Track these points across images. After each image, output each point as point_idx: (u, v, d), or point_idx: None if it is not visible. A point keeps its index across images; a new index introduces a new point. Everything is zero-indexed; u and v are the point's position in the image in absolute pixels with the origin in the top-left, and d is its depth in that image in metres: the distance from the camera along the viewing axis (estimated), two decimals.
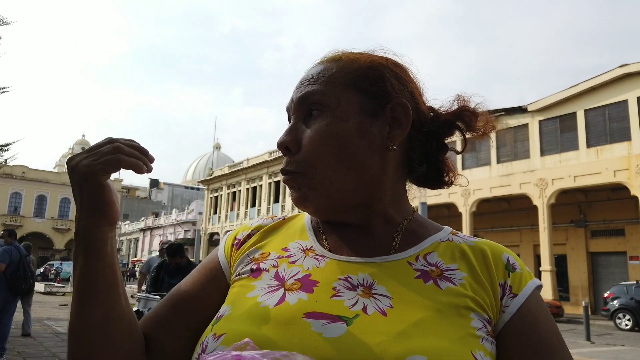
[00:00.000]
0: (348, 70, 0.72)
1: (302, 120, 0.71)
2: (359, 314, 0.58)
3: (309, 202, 0.69)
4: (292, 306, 0.60)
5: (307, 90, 0.71)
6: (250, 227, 0.79)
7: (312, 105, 0.70)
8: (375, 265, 0.66)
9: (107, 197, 0.64)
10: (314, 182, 0.68)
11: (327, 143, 0.68)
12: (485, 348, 0.59)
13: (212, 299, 0.71)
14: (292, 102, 0.73)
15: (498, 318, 0.63)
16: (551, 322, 0.65)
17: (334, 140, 0.68)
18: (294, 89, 0.75)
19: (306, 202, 0.69)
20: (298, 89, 0.73)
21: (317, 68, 0.74)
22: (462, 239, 0.72)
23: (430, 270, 0.66)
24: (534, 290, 0.66)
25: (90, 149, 0.65)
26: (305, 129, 0.70)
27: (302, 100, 0.71)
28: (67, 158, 0.66)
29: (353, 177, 0.68)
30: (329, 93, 0.70)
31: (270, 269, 0.69)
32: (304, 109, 0.71)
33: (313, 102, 0.70)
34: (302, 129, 0.70)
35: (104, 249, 0.65)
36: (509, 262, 0.68)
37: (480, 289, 0.64)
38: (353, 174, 0.68)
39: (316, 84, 0.71)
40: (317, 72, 0.73)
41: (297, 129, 0.71)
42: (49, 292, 20.62)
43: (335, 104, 0.69)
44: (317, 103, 0.70)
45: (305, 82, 0.73)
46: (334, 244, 0.71)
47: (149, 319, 0.74)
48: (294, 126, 0.71)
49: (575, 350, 10.27)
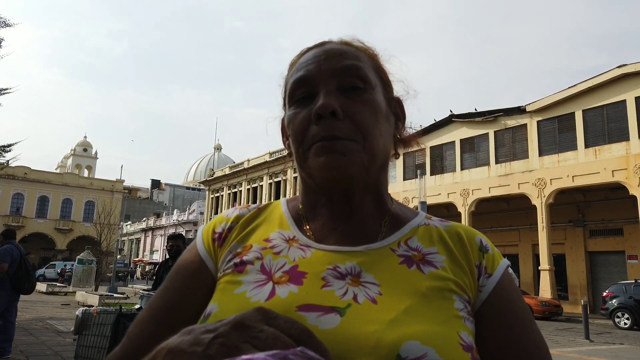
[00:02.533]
0: (369, 55, 0.75)
1: (340, 90, 0.69)
2: (350, 304, 0.59)
3: (349, 169, 0.66)
4: (283, 300, 0.60)
5: (353, 63, 0.70)
6: (229, 219, 0.76)
7: (358, 79, 0.69)
8: (362, 254, 0.67)
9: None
10: (361, 152, 0.66)
11: (375, 118, 0.69)
12: (468, 327, 0.62)
13: (204, 302, 0.67)
14: (328, 70, 0.69)
15: (476, 297, 0.66)
16: (522, 298, 0.69)
17: (379, 116, 0.70)
18: (313, 60, 0.71)
19: (348, 168, 0.66)
20: (332, 59, 0.71)
21: (342, 46, 0.73)
22: (437, 223, 0.75)
23: (413, 255, 0.68)
24: (505, 269, 0.70)
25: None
26: (344, 99, 0.68)
27: (348, 70, 0.69)
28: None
29: (381, 157, 0.70)
30: (368, 72, 0.71)
31: (254, 262, 0.67)
32: (346, 80, 0.69)
33: (359, 76, 0.70)
34: (341, 98, 0.68)
35: None
36: (482, 243, 0.71)
37: (459, 271, 0.67)
38: (382, 155, 0.70)
39: (356, 60, 0.71)
40: (347, 50, 0.72)
41: (337, 96, 0.68)
42: (51, 292, 20.69)
43: (374, 84, 0.71)
44: (364, 77, 0.70)
45: (342, 55, 0.71)
46: (318, 232, 0.71)
47: (139, 338, 0.68)
48: (334, 93, 0.68)
49: (574, 349, 10.29)
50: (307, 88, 0.70)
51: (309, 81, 0.70)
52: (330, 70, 0.69)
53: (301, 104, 0.70)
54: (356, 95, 0.69)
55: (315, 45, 0.76)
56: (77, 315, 5.96)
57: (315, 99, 0.69)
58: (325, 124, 0.66)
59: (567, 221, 22.05)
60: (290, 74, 0.75)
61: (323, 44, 0.75)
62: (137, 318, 0.71)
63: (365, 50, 0.75)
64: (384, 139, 0.70)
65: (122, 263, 35.64)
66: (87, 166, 64.93)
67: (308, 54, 0.74)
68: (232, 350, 0.37)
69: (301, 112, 0.70)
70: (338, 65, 0.69)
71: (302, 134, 0.69)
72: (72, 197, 52.05)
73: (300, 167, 0.72)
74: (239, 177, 38.65)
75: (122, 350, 0.67)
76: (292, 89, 0.72)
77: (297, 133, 0.69)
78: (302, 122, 0.69)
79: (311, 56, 0.72)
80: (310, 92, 0.70)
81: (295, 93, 0.71)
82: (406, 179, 24.65)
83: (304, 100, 0.70)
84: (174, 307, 0.69)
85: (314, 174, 0.68)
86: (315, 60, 0.71)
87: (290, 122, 0.71)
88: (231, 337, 0.38)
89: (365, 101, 0.69)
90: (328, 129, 0.66)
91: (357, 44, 0.76)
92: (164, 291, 0.71)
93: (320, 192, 0.72)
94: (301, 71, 0.71)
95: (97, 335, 5.79)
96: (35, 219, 49.74)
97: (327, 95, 0.67)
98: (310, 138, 0.67)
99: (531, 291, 21.40)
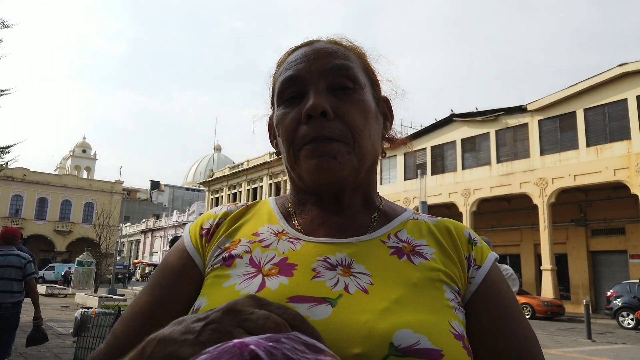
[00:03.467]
0: (358, 54, 0.75)
1: (329, 89, 0.68)
2: (342, 294, 0.59)
3: (340, 173, 0.66)
4: (274, 292, 0.60)
5: (342, 63, 0.70)
6: (216, 215, 0.76)
7: (348, 79, 0.69)
8: (352, 245, 0.67)
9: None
10: (351, 154, 0.67)
11: (365, 119, 0.69)
12: (458, 317, 0.62)
13: (192, 298, 0.67)
14: (317, 70, 0.69)
15: (466, 289, 0.67)
16: (510, 289, 0.71)
17: (369, 117, 0.70)
18: (302, 60, 0.70)
19: (339, 171, 0.66)
20: (322, 58, 0.70)
21: (331, 46, 0.73)
22: (425, 218, 0.76)
23: (403, 247, 0.68)
24: (494, 261, 0.71)
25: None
26: (334, 99, 0.68)
27: (338, 69, 0.69)
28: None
29: (370, 158, 0.71)
30: (358, 72, 0.71)
31: (243, 255, 0.67)
32: (337, 80, 0.69)
33: (349, 76, 0.69)
34: (331, 98, 0.67)
35: None
36: (470, 236, 0.73)
37: (449, 263, 0.67)
38: (371, 155, 0.71)
39: (345, 60, 0.71)
40: (336, 50, 0.72)
41: (327, 96, 0.67)
42: (51, 294, 20.64)
43: (363, 84, 0.71)
44: (353, 78, 0.70)
45: (331, 55, 0.70)
46: (307, 226, 0.71)
47: (124, 335, 0.65)
48: (324, 92, 0.67)
49: (576, 349, 10.27)
50: (297, 87, 0.69)
51: (298, 80, 0.69)
52: (319, 70, 0.69)
53: (290, 104, 0.70)
54: (346, 95, 0.68)
55: (304, 44, 0.75)
56: (76, 317, 5.93)
57: (304, 98, 0.68)
58: (315, 124, 0.66)
59: (569, 221, 22.00)
60: (278, 73, 0.75)
61: (312, 42, 0.75)
62: (122, 315, 0.69)
63: (354, 50, 0.75)
64: (372, 140, 0.70)
65: (121, 265, 35.68)
66: (86, 167, 64.86)
67: (296, 52, 0.73)
68: (224, 336, 0.37)
69: (290, 111, 0.69)
70: (328, 65, 0.69)
71: (292, 134, 0.68)
72: (71, 198, 51.94)
73: (290, 168, 0.71)
74: (238, 177, 38.62)
75: (107, 347, 0.65)
76: (281, 88, 0.71)
77: (287, 133, 0.69)
78: (292, 122, 0.68)
79: (300, 55, 0.71)
80: (300, 92, 0.69)
81: (284, 92, 0.71)
82: (407, 178, 24.60)
83: (293, 99, 0.70)
84: (161, 303, 0.67)
85: (304, 176, 0.68)
86: (304, 60, 0.70)
87: (280, 122, 0.70)
88: (223, 322, 0.38)
89: (355, 101, 0.69)
90: (318, 129, 0.65)
91: (346, 43, 0.75)
92: (151, 287, 0.70)
93: (310, 192, 0.72)
94: (290, 70, 0.70)
95: (96, 337, 5.77)
96: (34, 221, 49.64)
97: (317, 95, 0.67)
98: (301, 138, 0.67)
99: (533, 291, 21.36)
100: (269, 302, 0.41)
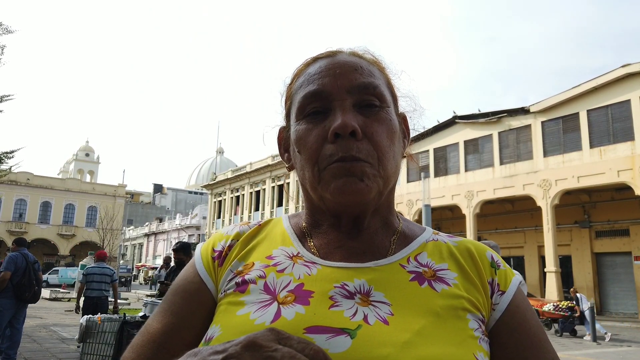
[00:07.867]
0: (380, 69, 0.73)
1: (356, 107, 0.66)
2: (361, 325, 0.56)
3: (366, 196, 0.63)
4: (290, 322, 0.57)
5: (370, 81, 0.67)
6: (228, 236, 0.73)
7: (375, 97, 0.67)
8: (370, 271, 0.64)
9: None
10: (377, 176, 0.64)
11: (391, 140, 0.67)
12: (483, 348, 0.60)
13: (205, 325, 0.65)
14: (344, 86, 0.66)
15: (489, 315, 0.64)
16: (535, 316, 0.67)
17: (394, 138, 0.68)
18: (327, 73, 0.67)
19: (366, 194, 0.63)
20: (348, 74, 0.67)
21: (355, 59, 0.70)
22: (445, 239, 0.73)
23: (423, 272, 0.65)
24: (518, 286, 0.68)
25: None
26: (361, 118, 0.65)
27: (366, 88, 0.67)
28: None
29: (393, 180, 0.68)
30: (384, 89, 0.69)
31: (257, 281, 0.64)
32: (364, 98, 0.66)
33: (376, 95, 0.67)
34: (358, 117, 0.65)
35: None
36: (493, 259, 0.69)
37: (472, 289, 0.64)
38: (394, 177, 0.68)
39: (372, 77, 0.68)
40: (362, 65, 0.69)
41: (355, 115, 0.65)
42: (54, 298, 20.66)
43: (389, 102, 0.69)
44: (380, 96, 0.67)
45: (357, 71, 0.68)
46: (323, 249, 0.68)
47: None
48: (351, 110, 0.65)
49: (581, 352, 10.24)
50: (320, 103, 0.66)
51: (323, 96, 0.66)
52: (347, 86, 0.66)
53: (313, 119, 0.66)
54: (372, 113, 0.66)
55: (325, 55, 0.72)
56: (82, 323, 5.93)
57: (327, 114, 0.65)
58: (343, 144, 0.63)
59: (573, 222, 21.92)
60: (297, 85, 0.71)
61: (334, 54, 0.72)
62: (132, 343, 0.67)
63: (376, 64, 0.73)
64: (396, 161, 0.68)
65: (125, 268, 35.66)
66: (89, 171, 65.14)
67: (318, 64, 0.70)
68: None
69: (313, 128, 0.66)
70: (355, 82, 0.66)
71: (316, 152, 0.65)
72: (74, 202, 52.03)
73: (311, 188, 0.67)
74: (241, 180, 38.65)
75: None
76: (303, 102, 0.68)
77: (311, 151, 0.65)
78: (317, 139, 0.65)
79: (324, 68, 0.69)
80: (323, 107, 0.66)
81: (306, 107, 0.67)
82: (410, 181, 24.54)
83: (315, 114, 0.66)
84: (173, 331, 0.65)
85: (327, 196, 0.65)
86: (329, 74, 0.67)
87: (302, 139, 0.67)
88: (243, 357, 0.36)
89: (382, 120, 0.66)
90: (347, 149, 0.62)
91: (368, 56, 0.73)
92: (161, 314, 0.67)
93: (329, 214, 0.69)
94: (314, 84, 0.67)
95: (101, 343, 5.78)
96: (38, 225, 49.74)
97: (346, 114, 0.64)
98: (327, 157, 0.64)
99: (537, 293, 21.27)
100: (289, 335, 0.40)
